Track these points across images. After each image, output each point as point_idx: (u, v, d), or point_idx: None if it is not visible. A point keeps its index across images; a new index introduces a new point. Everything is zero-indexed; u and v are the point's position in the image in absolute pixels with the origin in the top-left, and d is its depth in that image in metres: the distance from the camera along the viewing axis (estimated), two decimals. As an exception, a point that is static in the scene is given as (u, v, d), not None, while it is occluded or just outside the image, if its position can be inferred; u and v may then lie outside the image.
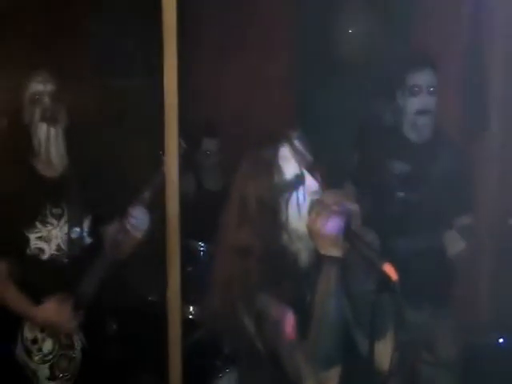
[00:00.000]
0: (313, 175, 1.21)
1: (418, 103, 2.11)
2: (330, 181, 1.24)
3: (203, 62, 3.12)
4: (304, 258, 1.22)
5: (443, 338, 2.22)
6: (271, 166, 1.20)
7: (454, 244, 2.08)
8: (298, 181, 1.20)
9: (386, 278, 1.10)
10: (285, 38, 3.22)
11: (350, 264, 1.19)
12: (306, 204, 1.20)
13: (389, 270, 1.11)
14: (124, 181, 2.05)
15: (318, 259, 1.17)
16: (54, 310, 1.80)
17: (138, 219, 1.83)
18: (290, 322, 1.16)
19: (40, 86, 1.79)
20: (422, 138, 2.16)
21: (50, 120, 1.80)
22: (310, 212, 1.18)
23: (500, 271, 2.81)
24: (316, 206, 1.17)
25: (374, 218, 2.12)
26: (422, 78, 2.10)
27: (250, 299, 1.18)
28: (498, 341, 2.60)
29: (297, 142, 1.23)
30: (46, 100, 1.79)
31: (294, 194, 1.20)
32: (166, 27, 1.61)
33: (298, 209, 1.20)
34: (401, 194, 2.16)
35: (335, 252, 1.15)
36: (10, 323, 1.84)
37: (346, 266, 1.17)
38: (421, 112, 2.12)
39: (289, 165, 1.21)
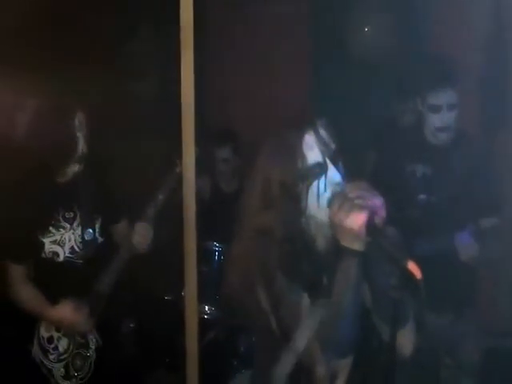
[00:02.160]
0: (336, 166, 1.21)
1: (438, 121, 2.09)
2: (350, 177, 1.23)
3: (220, 63, 3.13)
4: (321, 243, 1.22)
5: (465, 342, 2.19)
6: (295, 151, 1.20)
7: (467, 247, 2.04)
8: (321, 170, 1.20)
9: (409, 276, 1.09)
10: (302, 38, 3.21)
11: (371, 259, 1.18)
12: (326, 194, 1.19)
13: (413, 268, 1.10)
14: (134, 181, 2.07)
15: (338, 249, 1.16)
16: (70, 311, 1.83)
17: (142, 236, 1.87)
18: (305, 308, 1.16)
19: (78, 133, 1.82)
20: (442, 142, 2.14)
21: (82, 160, 1.86)
22: (331, 204, 1.17)
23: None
24: (338, 199, 1.16)
25: (395, 220, 2.10)
26: (442, 98, 2.07)
27: (268, 280, 1.18)
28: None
29: (322, 131, 1.22)
30: (81, 146, 1.83)
31: (315, 183, 1.20)
32: (183, 28, 1.62)
33: (318, 198, 1.19)
34: (422, 197, 2.14)
35: (356, 246, 1.14)
36: (27, 323, 1.87)
37: (368, 260, 1.17)
38: (441, 129, 2.11)
39: (312, 153, 1.21)
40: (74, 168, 1.87)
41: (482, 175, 2.12)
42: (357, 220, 1.13)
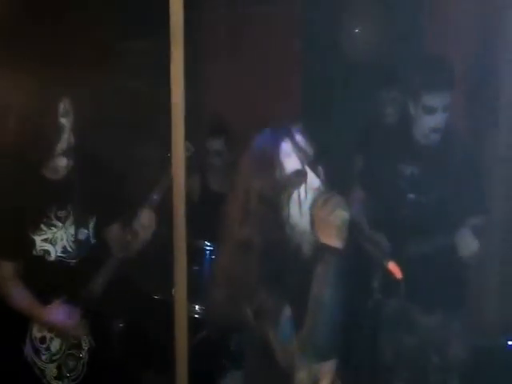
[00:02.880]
0: (315, 172, 1.21)
1: (432, 122, 2.09)
2: (335, 182, 1.24)
3: (210, 61, 3.13)
4: (306, 251, 1.22)
5: (453, 342, 2.20)
6: (273, 161, 1.21)
7: (468, 244, 2.04)
8: (300, 177, 1.20)
9: (390, 276, 1.10)
10: (293, 37, 3.21)
11: (351, 258, 1.18)
12: (307, 201, 1.20)
13: (393, 268, 1.11)
14: (128, 182, 2.06)
15: (318, 249, 1.16)
16: (61, 312, 1.81)
17: (147, 221, 1.83)
18: (286, 316, 1.16)
19: (64, 120, 1.78)
20: (432, 142, 2.15)
21: (70, 155, 1.82)
22: (315, 200, 1.17)
23: (510, 273, 2.78)
24: (324, 196, 1.17)
25: (384, 220, 2.11)
26: (438, 100, 2.07)
27: (249, 294, 1.18)
28: (507, 344, 2.58)
29: (298, 137, 1.23)
30: (68, 136, 1.79)
31: (296, 191, 1.20)
32: (172, 27, 1.62)
33: (300, 205, 1.20)
34: (411, 196, 2.15)
35: (337, 243, 1.14)
36: (19, 322, 1.85)
37: (347, 259, 1.17)
38: (434, 130, 2.11)
39: (290, 161, 1.21)
40: (62, 162, 1.83)
41: (470, 174, 2.13)
42: (341, 216, 1.14)
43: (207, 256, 2.60)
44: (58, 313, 1.81)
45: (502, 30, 2.73)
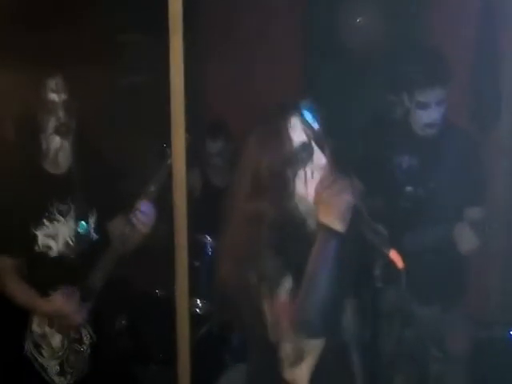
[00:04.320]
0: (321, 148, 1.20)
1: (427, 117, 2.08)
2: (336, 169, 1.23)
3: (210, 55, 3.10)
4: (311, 225, 1.22)
5: (452, 333, 2.20)
6: (282, 136, 1.20)
7: (467, 240, 2.03)
8: (307, 153, 1.20)
9: (391, 265, 1.09)
10: (294, 28, 3.19)
11: (351, 243, 1.18)
12: (313, 180, 1.19)
13: (395, 257, 1.11)
14: (129, 175, 2.04)
15: (318, 227, 1.16)
16: (61, 301, 1.80)
17: (145, 214, 1.82)
18: (285, 288, 1.16)
19: (54, 96, 1.76)
20: (430, 134, 2.14)
21: (64, 134, 1.79)
22: (323, 180, 1.17)
23: (510, 264, 2.78)
24: (330, 177, 1.17)
25: (382, 212, 2.10)
26: (431, 95, 2.04)
27: (255, 262, 1.18)
28: (508, 334, 2.58)
29: (306, 113, 1.22)
30: (61, 112, 1.77)
31: (302, 170, 1.20)
32: (172, 20, 1.60)
33: (306, 185, 1.20)
34: (409, 189, 2.14)
35: (338, 226, 1.13)
36: (19, 319, 1.85)
37: (347, 245, 1.16)
38: (428, 125, 2.09)
39: (298, 134, 1.21)
40: (55, 142, 1.80)
41: (469, 167, 2.11)
42: (346, 201, 1.13)
43: (209, 251, 2.59)
44: (58, 301, 1.80)
45: (504, 21, 2.71)
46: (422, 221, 2.08)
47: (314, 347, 1.19)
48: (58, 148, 1.80)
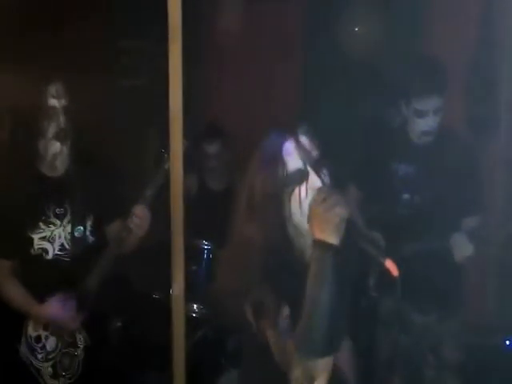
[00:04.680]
0: (317, 172, 1.21)
1: (424, 125, 2.09)
2: (333, 181, 1.24)
3: (209, 61, 3.12)
4: (307, 253, 1.22)
5: (449, 341, 2.20)
6: (276, 160, 1.22)
7: (462, 248, 2.05)
8: (302, 176, 1.21)
9: (386, 274, 1.10)
10: (291, 37, 3.21)
11: (347, 255, 1.19)
12: (307, 200, 1.20)
13: (390, 265, 1.11)
14: (126, 180, 2.05)
15: (313, 245, 1.16)
16: (57, 307, 1.81)
17: (141, 218, 1.82)
18: (284, 316, 1.16)
19: (55, 102, 1.77)
20: (427, 142, 2.15)
21: (63, 139, 1.80)
22: (316, 196, 1.18)
23: (506, 273, 2.79)
24: (323, 192, 1.18)
25: (379, 220, 2.11)
26: (428, 104, 2.06)
27: (250, 288, 1.19)
28: (504, 343, 2.58)
29: (302, 138, 1.24)
30: (61, 118, 1.78)
31: (297, 190, 1.21)
32: (171, 27, 1.62)
33: (300, 205, 1.20)
34: (406, 196, 2.15)
35: (333, 239, 1.14)
36: (14, 322, 1.85)
37: (343, 257, 1.17)
38: (425, 133, 2.11)
39: (293, 160, 1.22)
40: (55, 147, 1.80)
41: (466, 174, 2.12)
42: (340, 214, 1.14)
43: (205, 256, 2.59)
44: (54, 307, 1.80)
45: (502, 29, 2.73)
46: (418, 228, 2.09)
47: (324, 367, 1.19)
48: (56, 153, 1.81)
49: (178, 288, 1.73)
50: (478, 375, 2.31)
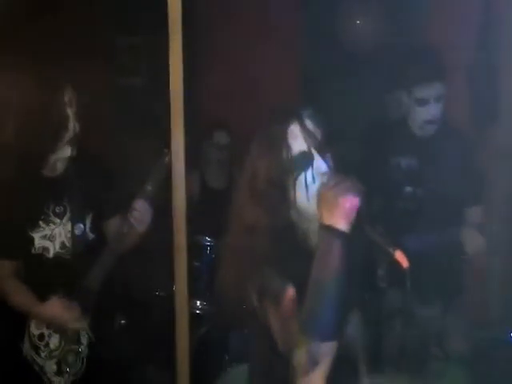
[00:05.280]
0: (322, 156, 1.19)
1: (426, 114, 2.08)
2: (338, 166, 1.23)
3: (210, 55, 3.10)
4: (312, 237, 1.22)
5: (453, 333, 2.20)
6: (280, 143, 1.20)
7: (474, 241, 2.04)
8: (307, 160, 1.19)
9: (396, 265, 1.09)
10: (293, 27, 3.19)
11: (355, 244, 1.17)
12: (314, 185, 1.19)
13: (400, 257, 1.10)
14: (125, 176, 2.05)
15: (321, 229, 1.14)
16: (59, 307, 1.80)
17: (141, 213, 1.82)
18: (289, 295, 1.15)
19: (68, 110, 1.78)
20: (428, 134, 2.14)
21: (75, 143, 1.81)
22: (327, 181, 1.16)
23: (510, 265, 2.78)
24: (336, 178, 1.16)
25: (382, 213, 2.10)
26: (429, 92, 2.05)
27: (254, 274, 1.18)
28: (509, 335, 2.58)
29: (307, 121, 1.22)
30: (73, 124, 1.79)
31: (303, 174, 1.19)
32: (171, 20, 1.60)
33: (307, 189, 1.19)
34: (408, 189, 2.14)
35: (343, 226, 1.12)
36: (17, 321, 1.85)
37: (353, 245, 1.15)
38: (428, 122, 2.10)
39: (298, 143, 1.20)
40: (67, 152, 1.81)
41: (467, 167, 2.12)
42: (353, 200, 1.12)
43: (208, 252, 2.59)
44: (57, 307, 1.80)
45: (504, 19, 2.70)
46: (421, 221, 2.08)
47: (327, 352, 1.17)
48: (66, 157, 1.82)
49: (180, 285, 1.73)
50: (482, 368, 2.30)
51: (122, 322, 2.31)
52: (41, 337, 1.85)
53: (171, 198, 1.71)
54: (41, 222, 1.81)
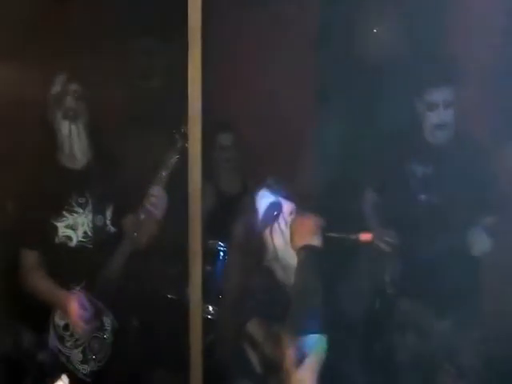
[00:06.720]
0: (288, 199, 1.38)
1: (436, 118, 2.10)
2: (348, 184, 1.36)
3: (227, 61, 3.12)
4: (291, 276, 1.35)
5: (466, 348, 2.18)
6: (253, 207, 1.40)
7: (481, 243, 2.03)
8: (277, 208, 1.36)
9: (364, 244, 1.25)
10: (308, 38, 3.20)
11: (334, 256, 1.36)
12: (287, 228, 1.36)
13: (364, 237, 1.26)
14: (144, 173, 2.08)
15: (298, 253, 1.31)
16: (79, 303, 1.84)
17: (158, 198, 1.87)
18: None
19: (63, 86, 1.88)
20: (442, 142, 2.13)
21: (72, 118, 1.89)
22: (294, 218, 1.37)
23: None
24: (297, 212, 1.36)
25: (396, 221, 2.10)
26: (438, 95, 2.08)
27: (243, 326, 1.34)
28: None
29: (274, 184, 1.41)
30: (69, 99, 1.88)
31: (276, 224, 1.35)
32: (190, 27, 1.62)
33: (283, 234, 1.36)
34: (423, 197, 2.14)
35: (315, 241, 1.28)
36: (41, 313, 1.90)
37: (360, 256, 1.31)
38: (438, 126, 2.11)
39: (266, 199, 1.39)
40: (65, 127, 1.89)
41: (482, 174, 2.11)
42: (313, 219, 1.31)
43: (221, 256, 2.59)
44: (77, 302, 1.84)
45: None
46: (435, 229, 2.07)
47: (314, 346, 1.24)
48: (67, 135, 1.88)
49: (195, 290, 1.74)
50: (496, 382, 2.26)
51: (136, 324, 2.33)
52: (66, 327, 1.89)
53: (187, 203, 1.72)
54: (64, 212, 1.89)
